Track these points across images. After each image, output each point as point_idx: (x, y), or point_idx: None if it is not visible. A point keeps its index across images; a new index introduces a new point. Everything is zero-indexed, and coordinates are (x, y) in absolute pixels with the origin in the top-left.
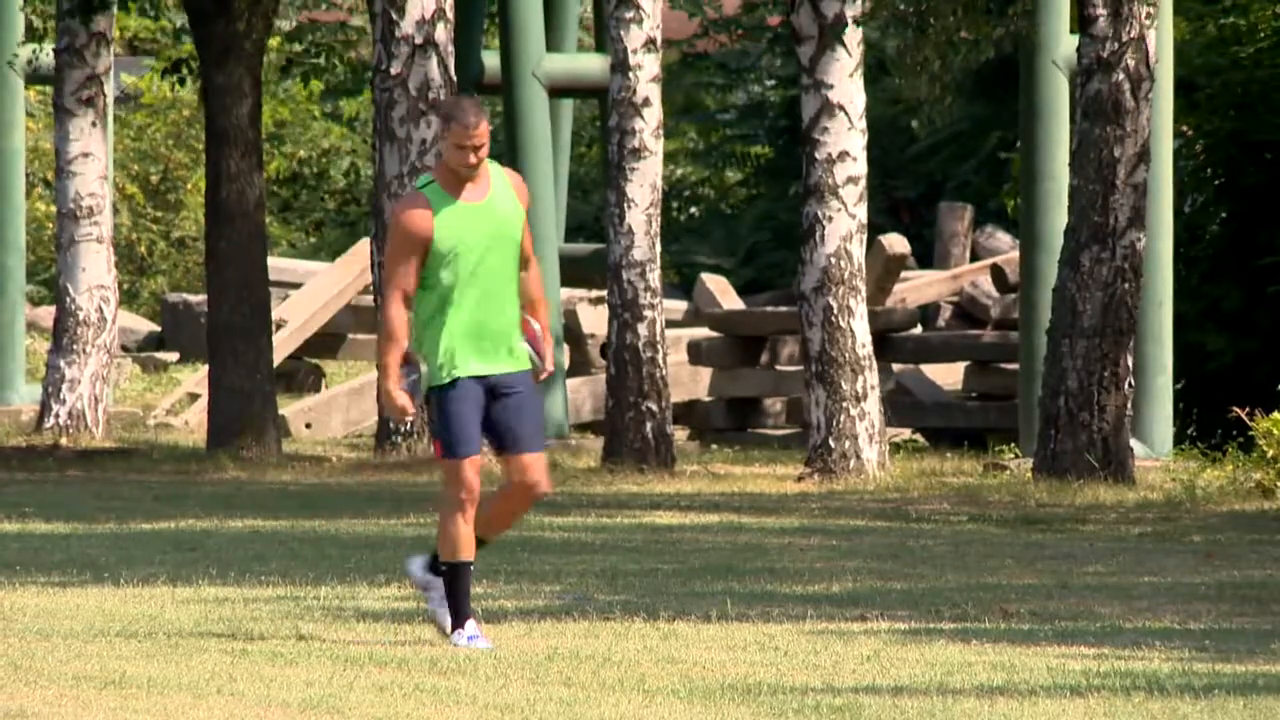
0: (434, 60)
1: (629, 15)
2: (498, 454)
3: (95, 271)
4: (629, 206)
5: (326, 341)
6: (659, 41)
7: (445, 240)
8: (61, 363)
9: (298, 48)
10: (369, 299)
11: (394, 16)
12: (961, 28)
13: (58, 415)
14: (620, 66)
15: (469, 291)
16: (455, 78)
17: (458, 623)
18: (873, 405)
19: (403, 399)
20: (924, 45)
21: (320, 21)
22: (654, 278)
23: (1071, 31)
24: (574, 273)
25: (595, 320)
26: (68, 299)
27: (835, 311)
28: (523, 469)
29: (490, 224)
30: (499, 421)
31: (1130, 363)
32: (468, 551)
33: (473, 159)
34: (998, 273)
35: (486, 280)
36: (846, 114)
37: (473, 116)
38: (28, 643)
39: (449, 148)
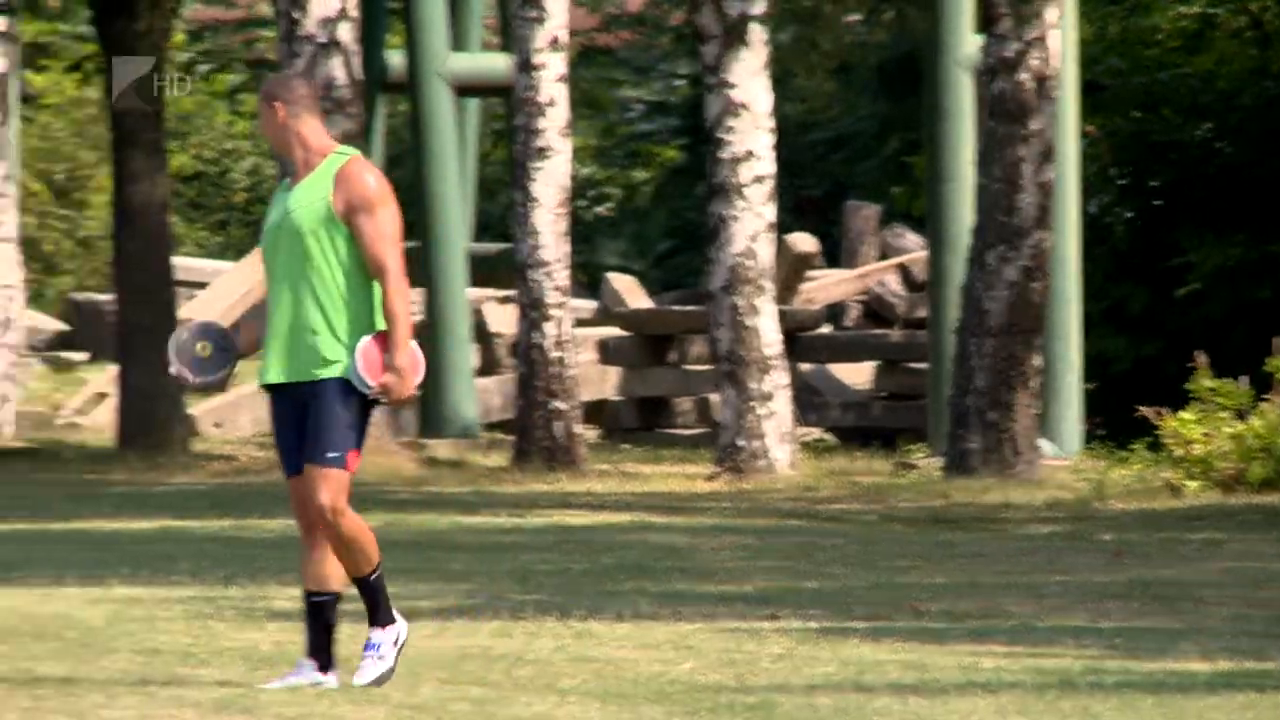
0: (338, 59)
1: (533, 14)
2: None
3: (1, 270)
4: (535, 206)
5: None
6: (564, 41)
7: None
8: None
9: (199, 47)
10: None
11: (297, 15)
12: (851, 13)
13: None
14: (525, 66)
15: (269, 287)
16: (361, 77)
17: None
18: (782, 404)
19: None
20: (817, 35)
21: (222, 22)
22: (562, 277)
23: (975, 31)
24: (482, 272)
25: (504, 319)
26: None
27: (743, 311)
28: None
29: (281, 214)
30: None
31: (1038, 362)
32: (309, 582)
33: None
34: (905, 272)
35: (277, 275)
36: (752, 113)
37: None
38: None
39: None
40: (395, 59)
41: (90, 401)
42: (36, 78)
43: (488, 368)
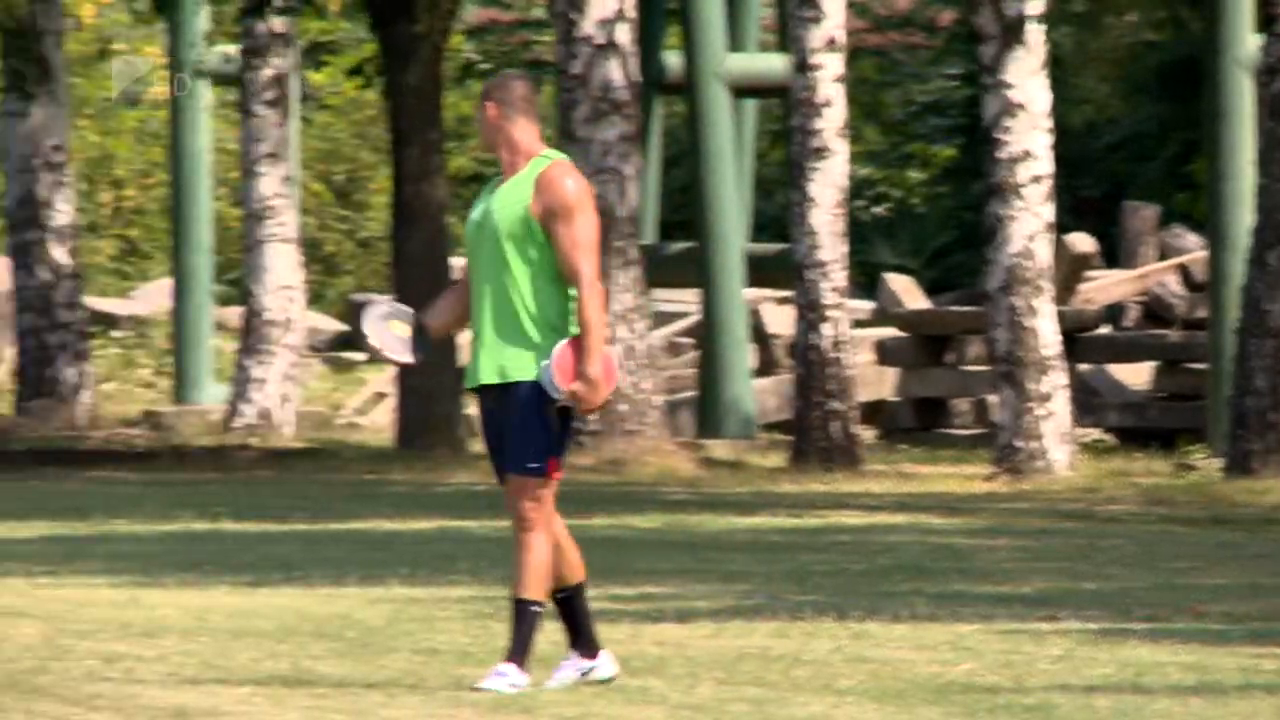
0: (615, 61)
1: (810, 15)
2: None
3: (282, 271)
4: (812, 206)
5: None
6: (841, 41)
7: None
8: (249, 363)
9: (476, 48)
10: None
11: (574, 17)
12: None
13: (246, 415)
14: (802, 66)
15: (472, 287)
16: (639, 78)
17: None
18: (1060, 405)
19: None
20: (1097, 38)
21: (498, 23)
22: (839, 277)
23: (1255, 31)
24: (760, 273)
25: (781, 320)
26: (254, 299)
27: (1020, 311)
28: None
29: (483, 214)
30: None
31: None
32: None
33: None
34: (1185, 272)
35: (478, 276)
36: (1029, 113)
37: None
38: (220, 642)
39: None
40: (672, 60)
41: (369, 402)
42: (317, 75)
43: (765, 368)
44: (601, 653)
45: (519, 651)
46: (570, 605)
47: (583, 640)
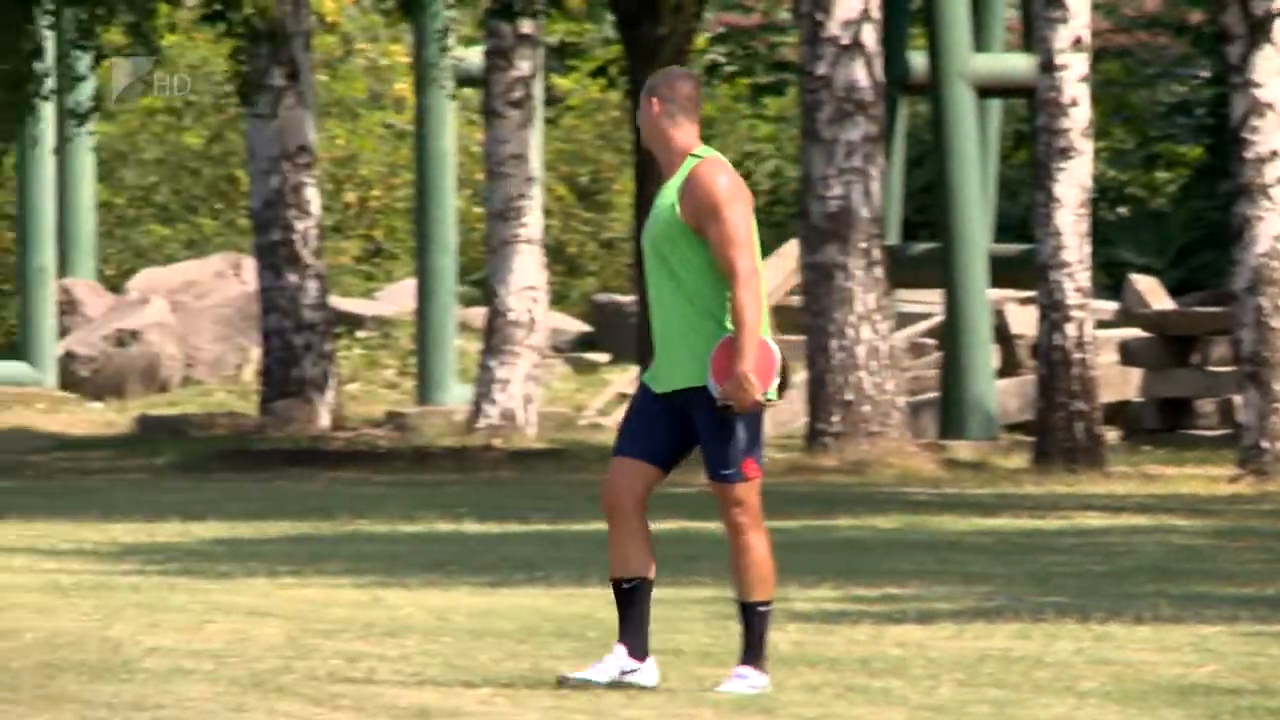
0: (860, 61)
1: (1056, 15)
2: None
3: (525, 272)
4: (1057, 207)
5: None
6: (1087, 41)
7: None
8: (493, 363)
9: (721, 50)
10: (796, 300)
11: (819, 18)
12: None
13: (490, 416)
14: (1047, 66)
15: (648, 293)
16: (883, 79)
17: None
18: None
19: None
20: None
21: (739, 28)
22: (1084, 278)
23: None
24: (1004, 273)
25: (1024, 321)
26: (498, 300)
27: (1266, 312)
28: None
29: (650, 219)
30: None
31: None
32: (614, 568)
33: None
34: None
35: (648, 282)
36: (1277, 112)
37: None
38: (462, 642)
39: None
40: (917, 60)
41: (612, 402)
42: (563, 81)
43: (1008, 369)
44: (649, 659)
45: (754, 653)
46: (630, 597)
47: (633, 638)
